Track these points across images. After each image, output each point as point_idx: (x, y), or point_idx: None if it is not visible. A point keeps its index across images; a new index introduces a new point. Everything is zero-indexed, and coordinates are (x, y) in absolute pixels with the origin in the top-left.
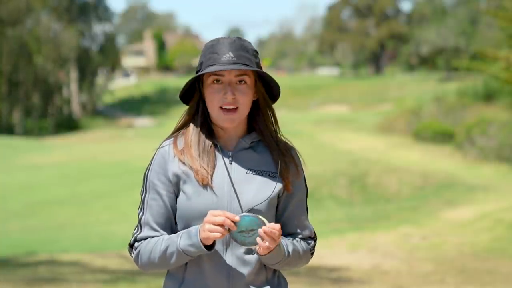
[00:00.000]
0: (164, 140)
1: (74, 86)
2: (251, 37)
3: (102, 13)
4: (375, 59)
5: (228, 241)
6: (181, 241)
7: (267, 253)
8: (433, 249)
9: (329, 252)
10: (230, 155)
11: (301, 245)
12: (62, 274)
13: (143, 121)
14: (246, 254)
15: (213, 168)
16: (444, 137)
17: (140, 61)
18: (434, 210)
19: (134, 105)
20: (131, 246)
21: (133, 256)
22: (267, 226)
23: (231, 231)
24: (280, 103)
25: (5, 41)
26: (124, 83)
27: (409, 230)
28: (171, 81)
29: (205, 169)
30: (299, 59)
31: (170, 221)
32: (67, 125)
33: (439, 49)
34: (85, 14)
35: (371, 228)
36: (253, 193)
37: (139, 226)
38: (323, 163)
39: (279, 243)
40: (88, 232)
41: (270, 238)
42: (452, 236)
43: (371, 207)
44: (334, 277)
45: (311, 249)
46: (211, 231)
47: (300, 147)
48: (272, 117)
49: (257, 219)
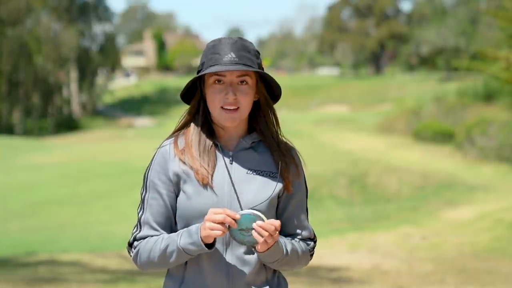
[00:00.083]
0: (165, 139)
1: (74, 86)
2: (251, 37)
3: (102, 13)
4: (375, 59)
5: (228, 241)
6: (181, 239)
7: (266, 249)
8: (433, 249)
9: (329, 252)
10: (230, 155)
11: (300, 246)
12: (62, 274)
13: (143, 121)
14: (246, 254)
15: (214, 167)
16: (444, 137)
17: (140, 61)
18: (434, 210)
19: (134, 105)
20: (130, 245)
21: (132, 255)
22: (265, 221)
23: (230, 229)
24: (280, 103)
25: (5, 41)
26: (124, 83)
27: (409, 230)
28: (171, 81)
29: (205, 168)
30: (299, 59)
31: (170, 221)
32: (67, 125)
33: (439, 49)
34: (85, 14)
35: (371, 228)
36: (253, 193)
37: (138, 225)
38: (323, 163)
39: (278, 241)
40: (88, 232)
41: (267, 233)
42: (452, 236)
43: (371, 207)
44: (334, 277)
45: (311, 250)
46: (212, 229)
47: (300, 147)
48: (273, 118)
49: (256, 217)
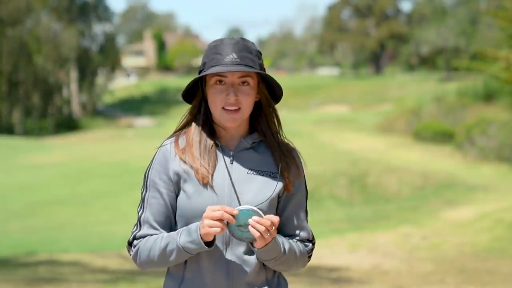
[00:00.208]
0: (165, 139)
1: (74, 86)
2: (251, 37)
3: (102, 13)
4: (375, 59)
5: (228, 240)
6: (181, 238)
7: (263, 246)
8: (433, 249)
9: (329, 252)
10: (231, 155)
11: (298, 246)
12: (62, 274)
13: (143, 121)
14: (246, 254)
15: (214, 167)
16: (444, 137)
17: (140, 61)
18: (434, 210)
19: (134, 105)
20: (130, 244)
21: (132, 254)
22: (262, 217)
23: (229, 225)
24: (280, 103)
25: (5, 41)
26: (124, 83)
27: (409, 230)
28: (171, 81)
29: (205, 168)
30: (299, 59)
31: (169, 220)
32: (67, 125)
33: (439, 49)
34: (85, 14)
35: (371, 228)
36: (254, 193)
37: (138, 224)
38: (323, 163)
39: (275, 238)
40: (88, 232)
41: (263, 228)
42: (452, 236)
43: (371, 207)
44: (334, 277)
45: (309, 252)
46: (211, 226)
47: (300, 147)
48: (275, 118)
49: (253, 212)
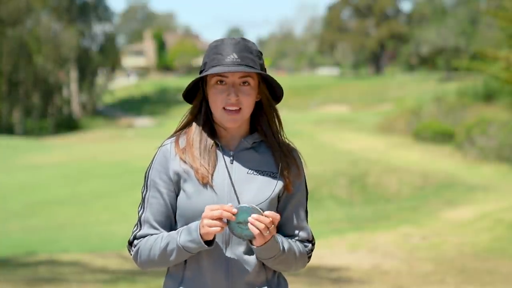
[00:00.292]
0: (166, 139)
1: (74, 86)
2: (251, 37)
3: (102, 13)
4: (375, 59)
5: (227, 240)
6: (181, 237)
7: (262, 244)
8: (433, 249)
9: (329, 252)
10: (231, 154)
11: (297, 246)
12: (62, 274)
13: (143, 121)
14: (245, 253)
15: (214, 167)
16: (444, 137)
17: (140, 61)
18: (434, 210)
19: (134, 105)
20: (130, 243)
21: (132, 254)
22: (262, 214)
23: (229, 222)
24: (280, 103)
25: (5, 41)
26: (124, 83)
27: (409, 230)
28: (171, 81)
29: (205, 168)
30: (299, 59)
31: (170, 220)
32: (67, 125)
33: (439, 49)
34: (85, 14)
35: (371, 228)
36: (254, 193)
37: (138, 224)
38: (323, 163)
39: (274, 236)
40: (88, 232)
41: (263, 225)
42: (452, 236)
43: (371, 207)
44: (334, 277)
45: (308, 252)
46: (210, 226)
47: (300, 147)
48: (276, 118)
49: (253, 209)
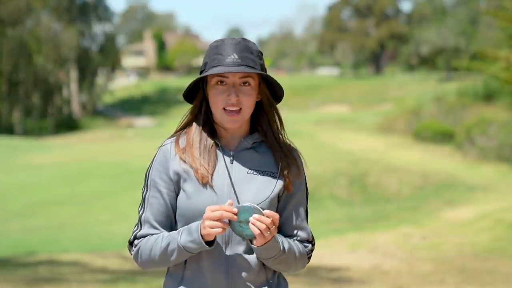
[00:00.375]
0: (166, 139)
1: (74, 86)
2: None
3: (102, 13)
4: (375, 59)
5: (227, 240)
6: (181, 237)
7: (263, 244)
8: (433, 249)
9: (329, 252)
10: (231, 154)
11: (297, 247)
12: (62, 274)
13: (143, 121)
14: (245, 253)
15: (214, 167)
16: (444, 137)
17: (140, 61)
18: (434, 210)
19: (134, 105)
20: (131, 243)
21: (133, 253)
22: (263, 213)
23: (230, 222)
24: (280, 103)
25: (5, 41)
26: (124, 83)
27: (409, 230)
28: (171, 81)
29: (205, 168)
30: (299, 59)
31: (170, 219)
32: (67, 125)
33: (439, 49)
34: (85, 14)
35: (371, 228)
36: (253, 193)
37: (139, 223)
38: (323, 163)
39: (275, 236)
40: (88, 232)
41: (264, 225)
42: (452, 236)
43: (371, 207)
44: (334, 277)
45: (308, 253)
46: (212, 227)
47: (300, 147)
48: (277, 118)
49: (254, 209)
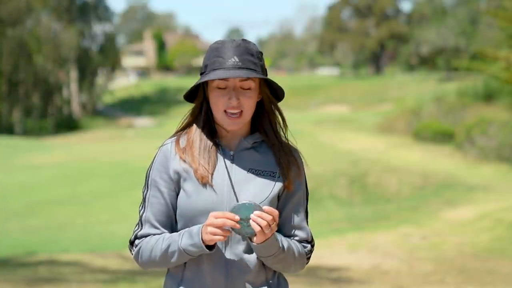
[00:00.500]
0: (167, 138)
1: (74, 86)
2: (251, 38)
3: (102, 13)
4: (375, 59)
5: (227, 240)
6: (182, 240)
7: (263, 241)
8: (433, 249)
9: (329, 252)
10: (231, 154)
11: (297, 246)
12: (62, 274)
13: (143, 121)
14: (245, 253)
15: (214, 167)
16: (444, 137)
17: (140, 61)
18: (434, 210)
19: (134, 105)
20: (132, 243)
21: (133, 253)
22: (263, 210)
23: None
24: (280, 103)
25: (5, 41)
26: (124, 83)
27: (409, 230)
28: (171, 81)
29: (205, 168)
30: (299, 59)
31: (170, 219)
32: (67, 125)
33: (439, 49)
34: (85, 14)
35: (371, 228)
36: (253, 192)
37: (140, 223)
38: (323, 163)
39: (274, 234)
40: (88, 232)
41: (264, 222)
42: (452, 236)
43: (371, 207)
44: (334, 277)
45: (307, 253)
46: (213, 234)
47: (300, 147)
48: (279, 117)
49: (254, 206)
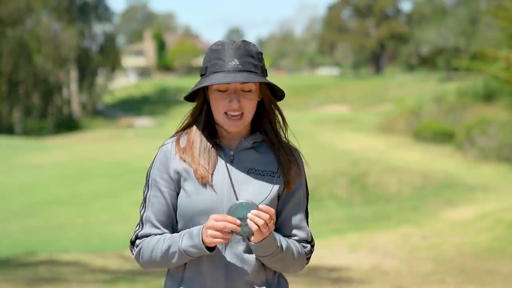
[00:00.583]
0: (167, 138)
1: (74, 86)
2: (251, 38)
3: (102, 13)
4: (375, 59)
5: (227, 240)
6: (183, 241)
7: (260, 240)
8: (433, 249)
9: (329, 252)
10: (231, 154)
11: (296, 246)
12: (62, 274)
13: (143, 121)
14: (245, 253)
15: (214, 167)
16: (444, 137)
17: (140, 61)
18: (434, 210)
19: (134, 105)
20: (133, 243)
21: (134, 253)
22: (260, 209)
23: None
24: (280, 103)
25: (5, 41)
26: (124, 83)
27: (409, 230)
28: (171, 81)
29: (205, 168)
30: (299, 59)
31: (171, 219)
32: (67, 125)
33: (439, 49)
34: (85, 14)
35: (371, 228)
36: (253, 192)
37: (140, 223)
38: (323, 163)
39: (272, 233)
40: (88, 232)
41: (262, 221)
42: (452, 236)
43: (371, 207)
44: (334, 277)
45: (307, 253)
46: (214, 236)
47: (300, 147)
48: (279, 117)
49: (250, 204)
